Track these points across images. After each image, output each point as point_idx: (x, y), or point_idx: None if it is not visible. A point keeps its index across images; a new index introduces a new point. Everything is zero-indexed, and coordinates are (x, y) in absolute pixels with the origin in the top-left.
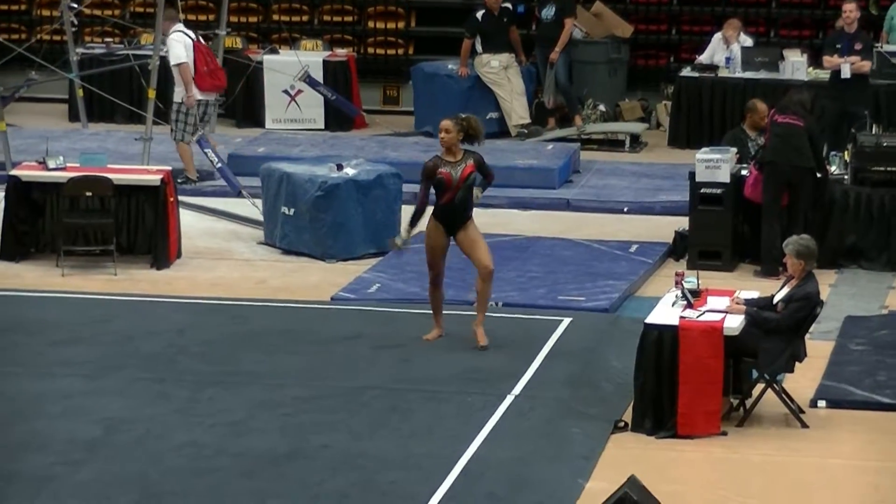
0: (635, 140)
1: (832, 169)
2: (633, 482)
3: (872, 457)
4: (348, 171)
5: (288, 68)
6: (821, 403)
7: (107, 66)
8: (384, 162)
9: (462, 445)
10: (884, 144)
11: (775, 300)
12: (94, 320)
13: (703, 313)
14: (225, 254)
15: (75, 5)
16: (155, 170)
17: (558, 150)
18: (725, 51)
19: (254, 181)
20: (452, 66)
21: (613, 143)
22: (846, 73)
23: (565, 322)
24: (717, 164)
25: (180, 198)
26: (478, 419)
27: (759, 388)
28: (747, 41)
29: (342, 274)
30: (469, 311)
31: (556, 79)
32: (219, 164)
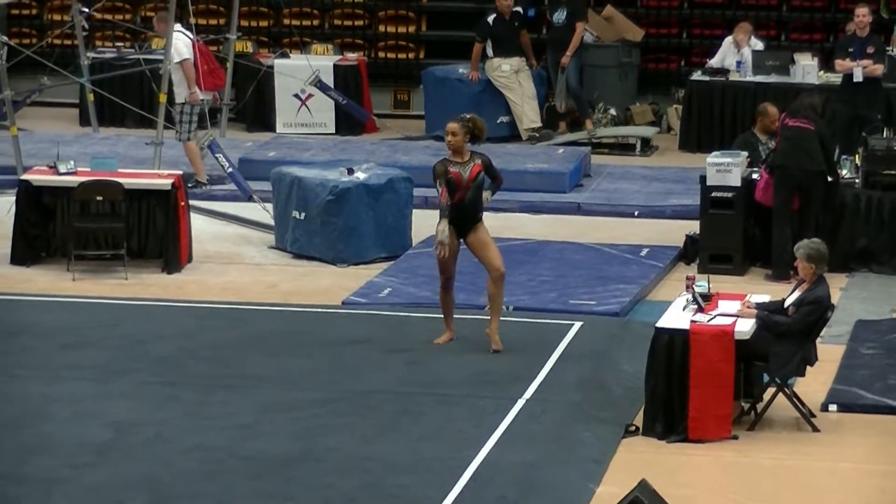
0: (646, 144)
1: (843, 172)
2: (644, 486)
3: (883, 460)
4: (359, 176)
5: (298, 72)
6: (832, 407)
7: (117, 70)
8: (395, 166)
9: (473, 449)
10: (895, 148)
11: (786, 304)
12: (104, 324)
13: (714, 317)
14: (235, 258)
15: (86, 10)
16: (166, 174)
17: (569, 154)
18: (736, 54)
19: (265, 185)
20: (463, 69)
21: (624, 146)
22: (858, 76)
23: (576, 326)
24: (727, 167)
25: (191, 202)
26: (489, 423)
27: (770, 391)
28: (758, 45)
29: (353, 278)
30: (480, 314)
31: (567, 83)
32: (230, 169)
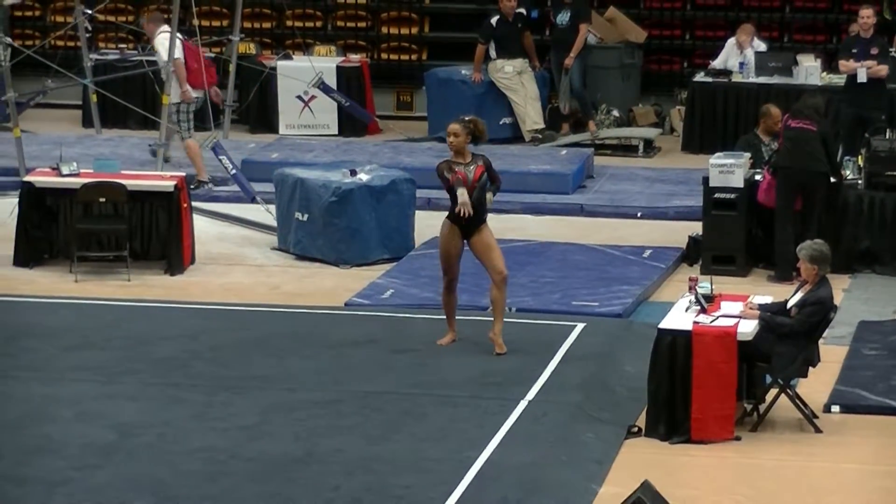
0: (649, 145)
1: (846, 173)
2: (647, 487)
3: (886, 461)
4: (362, 177)
5: (301, 74)
6: (834, 408)
7: (120, 71)
8: (398, 167)
9: (476, 450)
10: None
11: (789, 305)
12: (107, 326)
13: (717, 318)
14: (238, 259)
15: (89, 11)
16: (169, 175)
17: (572, 156)
18: (739, 56)
19: (267, 187)
20: (466, 71)
21: (627, 148)
22: (863, 77)
23: (579, 327)
24: (730, 168)
25: (194, 204)
26: (492, 423)
27: (772, 392)
28: (761, 46)
29: (356, 279)
30: (482, 315)
31: (571, 84)
32: (233, 171)
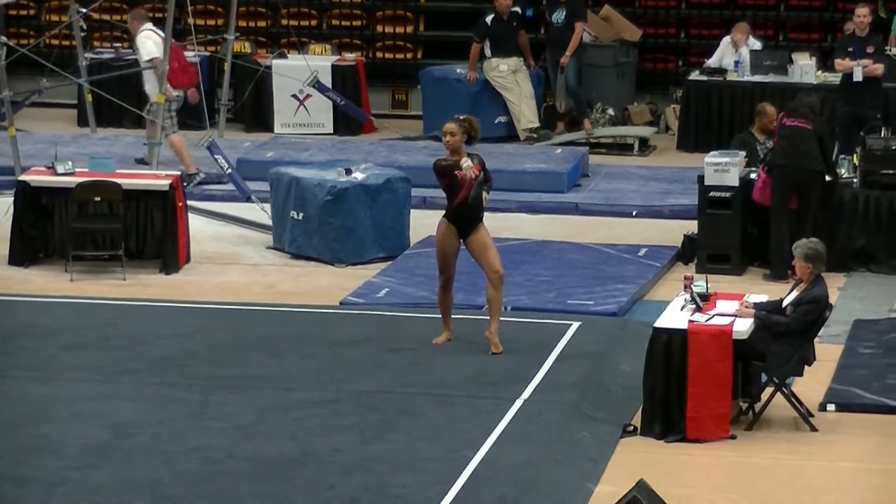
0: (644, 144)
1: (841, 172)
2: (642, 486)
3: (881, 460)
4: (357, 176)
5: (296, 73)
6: (830, 407)
7: (115, 71)
8: (393, 166)
9: (471, 449)
10: (893, 148)
11: (784, 303)
12: (102, 325)
13: (712, 317)
14: (234, 258)
15: (84, 10)
16: (164, 174)
17: (567, 154)
18: (734, 54)
19: (263, 186)
20: (461, 70)
21: (622, 146)
22: (858, 76)
23: (574, 326)
24: (725, 167)
25: (189, 202)
26: (487, 423)
27: (768, 391)
28: (756, 45)
29: (351, 278)
30: (478, 314)
31: (567, 82)
32: (228, 170)
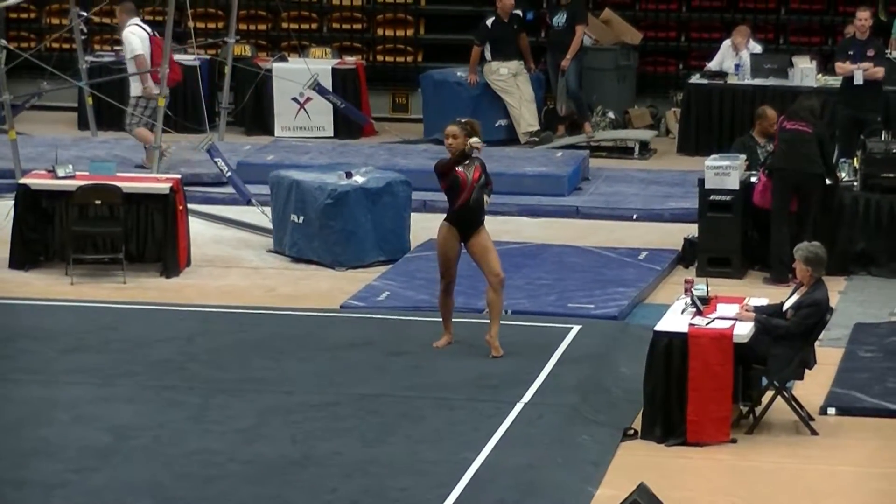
0: (644, 147)
1: (842, 175)
2: (643, 489)
3: (882, 464)
4: (357, 179)
5: (297, 76)
6: (830, 410)
7: (116, 74)
8: (393, 169)
9: (472, 452)
10: (893, 151)
11: (785, 307)
12: (103, 328)
13: (713, 320)
14: (234, 262)
15: (84, 13)
16: (164, 178)
17: (567, 158)
18: (734, 57)
19: (263, 189)
20: (461, 73)
21: (623, 150)
22: (859, 79)
23: (575, 329)
24: (726, 170)
25: (190, 206)
26: (488, 426)
27: (768, 395)
28: (756, 48)
29: (352, 282)
30: (479, 318)
31: (567, 85)
32: (229, 173)
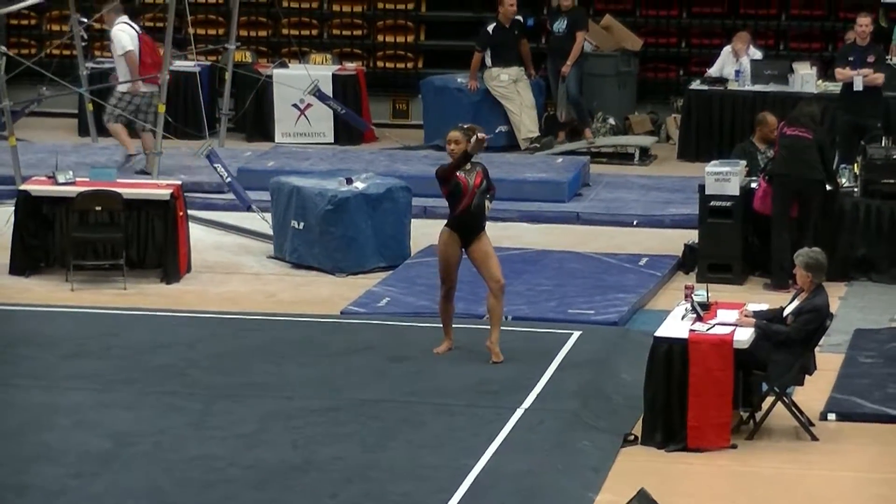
0: (645, 153)
1: (842, 181)
2: (643, 495)
3: (883, 469)
4: (358, 185)
5: (297, 82)
6: (831, 416)
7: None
8: (394, 176)
9: (472, 458)
10: (894, 157)
11: (785, 313)
12: (103, 334)
13: (713, 326)
14: (235, 268)
15: (85, 20)
16: (164, 184)
17: (568, 164)
18: (735, 64)
19: (263, 195)
20: (462, 79)
21: (623, 156)
22: (858, 85)
23: (575, 335)
24: (726, 176)
25: (190, 212)
26: (488, 431)
27: (768, 400)
28: (757, 54)
29: (352, 288)
30: (479, 324)
31: (568, 91)
32: (229, 179)
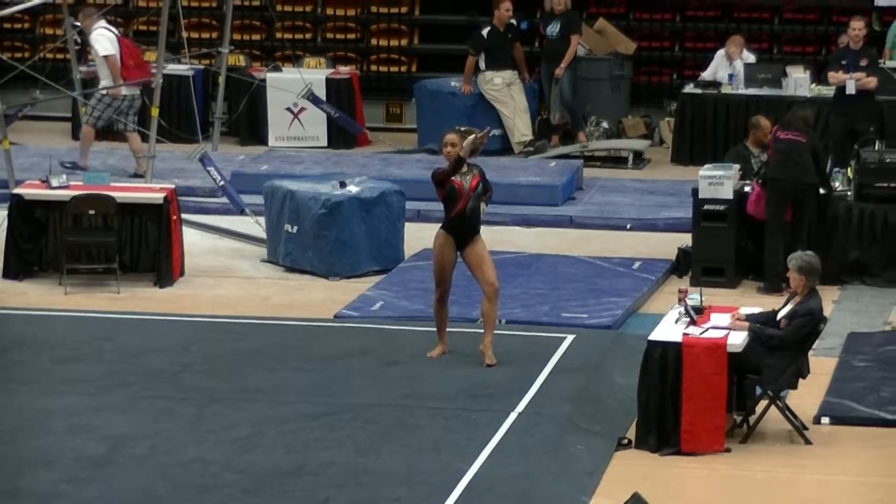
0: (638, 157)
1: (836, 185)
2: (637, 499)
3: (876, 473)
4: (351, 189)
5: (291, 86)
6: (824, 420)
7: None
8: (387, 179)
9: (466, 462)
10: (887, 161)
11: (779, 316)
12: (97, 338)
13: (707, 330)
14: (228, 272)
15: (78, 24)
16: (158, 188)
17: (561, 167)
18: (728, 67)
19: (257, 199)
20: (455, 83)
21: (617, 159)
22: (851, 89)
23: (569, 339)
24: (720, 180)
25: (184, 216)
26: (482, 435)
27: (762, 404)
28: (750, 58)
29: (346, 291)
30: (473, 328)
31: (561, 94)
32: (222, 182)
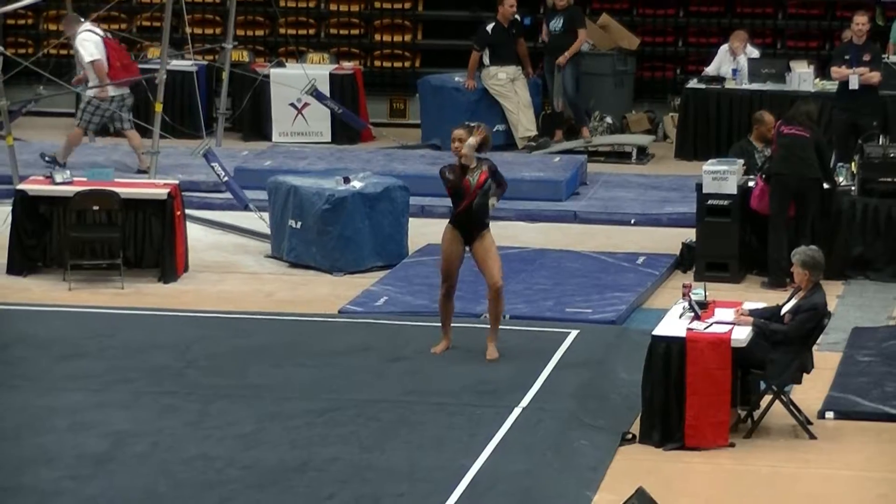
0: (642, 152)
1: (839, 180)
2: (641, 494)
3: (881, 468)
4: (355, 184)
5: (295, 81)
6: (829, 415)
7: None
8: (391, 175)
9: (470, 458)
10: (891, 155)
11: (783, 311)
12: (101, 334)
13: (711, 325)
14: (232, 267)
15: (82, 20)
16: (162, 183)
17: (565, 163)
18: (732, 62)
19: (261, 194)
20: (459, 78)
21: (620, 154)
22: (854, 84)
23: (573, 334)
24: (724, 175)
25: (187, 211)
26: (486, 431)
27: (766, 399)
28: (754, 53)
29: (350, 287)
30: (477, 323)
31: (564, 89)
32: (226, 178)
